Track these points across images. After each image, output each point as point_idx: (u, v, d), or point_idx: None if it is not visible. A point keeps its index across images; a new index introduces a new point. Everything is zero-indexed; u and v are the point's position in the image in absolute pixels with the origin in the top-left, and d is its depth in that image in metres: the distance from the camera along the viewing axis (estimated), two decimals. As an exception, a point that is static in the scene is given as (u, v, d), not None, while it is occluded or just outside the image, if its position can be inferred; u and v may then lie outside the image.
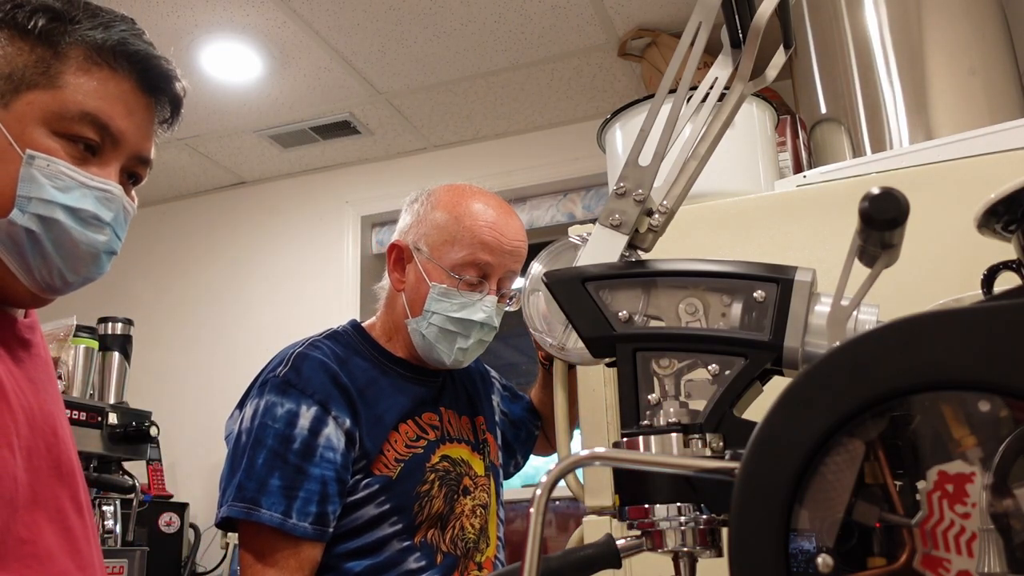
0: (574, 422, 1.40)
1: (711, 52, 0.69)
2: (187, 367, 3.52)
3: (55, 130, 0.83)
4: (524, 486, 2.88)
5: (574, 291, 0.64)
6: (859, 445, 0.44)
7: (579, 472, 1.33)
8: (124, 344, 2.89)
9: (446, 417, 1.41)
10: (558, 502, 2.97)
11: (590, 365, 1.11)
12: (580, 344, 0.65)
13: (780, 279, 0.60)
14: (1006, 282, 0.66)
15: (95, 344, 2.76)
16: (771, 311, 0.60)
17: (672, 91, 0.70)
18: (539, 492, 0.53)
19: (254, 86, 3.01)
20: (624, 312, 0.63)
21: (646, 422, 0.60)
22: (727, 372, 0.60)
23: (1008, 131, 1.24)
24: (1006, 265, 0.71)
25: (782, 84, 2.33)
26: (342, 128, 3.32)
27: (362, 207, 3.56)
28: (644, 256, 0.69)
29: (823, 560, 0.43)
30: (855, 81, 1.66)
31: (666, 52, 2.69)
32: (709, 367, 0.60)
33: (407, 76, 2.99)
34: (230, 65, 2.87)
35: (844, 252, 0.54)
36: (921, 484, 0.44)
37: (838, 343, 0.45)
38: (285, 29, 2.70)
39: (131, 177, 0.92)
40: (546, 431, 1.66)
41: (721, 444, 0.58)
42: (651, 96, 1.08)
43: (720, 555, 0.58)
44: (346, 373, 1.30)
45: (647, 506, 0.59)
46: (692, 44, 0.68)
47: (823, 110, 1.74)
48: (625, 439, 0.60)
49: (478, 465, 1.43)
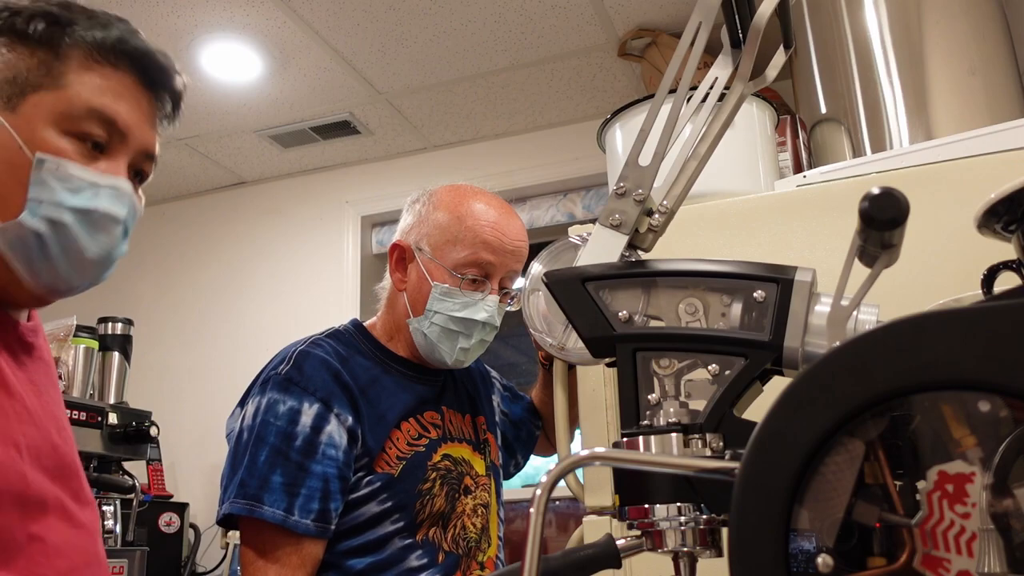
0: (574, 422, 1.40)
1: (711, 52, 0.69)
2: (187, 367, 3.52)
3: (64, 130, 0.84)
4: (524, 486, 2.88)
5: (574, 291, 0.64)
6: (859, 445, 0.44)
7: (579, 472, 1.33)
8: (124, 344, 2.89)
9: (447, 416, 1.41)
10: (558, 502, 2.97)
11: (590, 365, 1.11)
12: (580, 344, 0.65)
13: (780, 279, 0.60)
14: (1006, 282, 0.66)
15: (95, 344, 2.76)
16: (771, 311, 0.60)
17: (672, 91, 0.70)
18: (539, 492, 0.53)
19: (254, 86, 3.01)
20: (624, 312, 0.63)
21: (646, 422, 0.60)
22: (727, 372, 0.60)
23: (1008, 131, 1.24)
24: (1006, 265, 0.71)
25: (782, 84, 2.33)
26: (342, 128, 3.32)
27: (362, 207, 3.56)
28: (644, 256, 0.69)
29: (823, 560, 0.43)
30: (855, 81, 1.66)
31: (666, 52, 2.69)
32: (709, 367, 0.60)
33: (407, 76, 2.99)
34: (230, 65, 2.87)
35: (844, 252, 0.54)
36: (921, 484, 0.44)
37: (838, 343, 0.45)
38: (285, 29, 2.70)
39: (138, 175, 0.93)
40: (546, 431, 1.66)
41: (721, 444, 0.58)
42: (651, 96, 1.08)
43: (720, 555, 0.58)
44: (348, 371, 1.30)
45: (647, 506, 0.59)
46: (692, 44, 0.68)
47: (823, 110, 1.74)
48: (625, 439, 0.60)
49: (479, 465, 1.43)
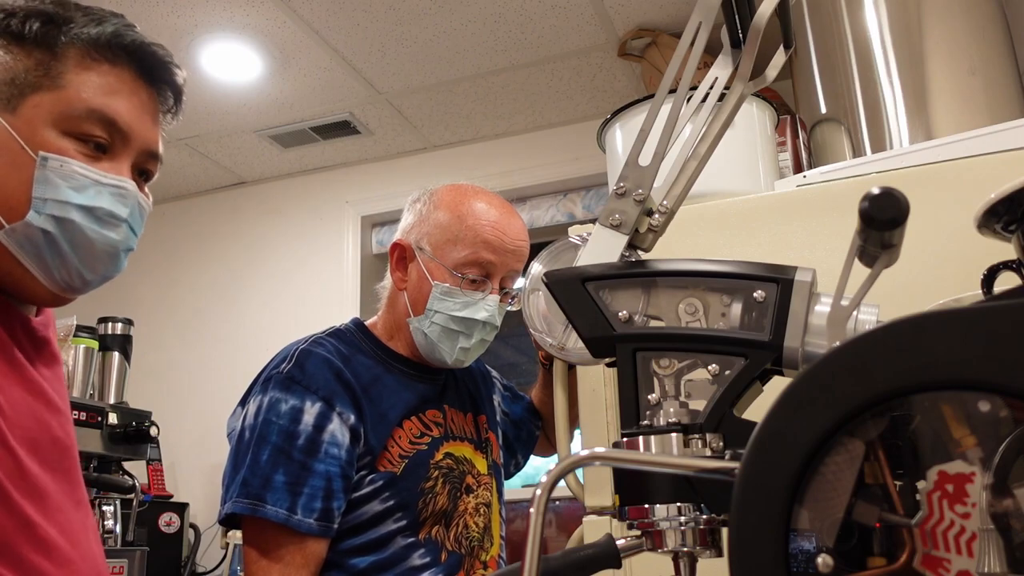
0: (574, 422, 1.40)
1: (711, 52, 0.69)
2: (187, 367, 3.52)
3: (64, 130, 0.84)
4: (524, 486, 2.88)
5: (574, 291, 0.64)
6: (859, 445, 0.44)
7: (579, 472, 1.33)
8: (124, 344, 2.89)
9: (449, 415, 1.41)
10: (558, 502, 2.97)
11: (590, 365, 1.11)
12: (580, 344, 0.65)
13: (780, 279, 0.60)
14: (1006, 282, 0.66)
15: (95, 344, 2.76)
16: (771, 311, 0.60)
17: (672, 91, 0.70)
18: (539, 492, 0.53)
19: (254, 86, 3.01)
20: (624, 312, 0.63)
21: (646, 422, 0.60)
22: (727, 372, 0.60)
23: (1008, 131, 1.24)
24: (1006, 265, 0.71)
25: (782, 84, 2.33)
26: (342, 128, 3.32)
27: (362, 207, 3.56)
28: (644, 256, 0.69)
29: (823, 560, 0.43)
30: (855, 81, 1.66)
31: (666, 52, 2.69)
32: (709, 367, 0.60)
33: (407, 76, 2.99)
34: (230, 65, 2.87)
35: (844, 252, 0.54)
36: (921, 484, 0.44)
37: (838, 343, 0.45)
38: (285, 29, 2.70)
39: (142, 174, 0.93)
40: (546, 431, 1.66)
41: (721, 444, 0.58)
42: (651, 96, 1.08)
43: (720, 555, 0.58)
44: (350, 370, 1.30)
45: (647, 506, 0.59)
46: (692, 44, 0.68)
47: (823, 110, 1.74)
48: (625, 439, 0.60)
49: (481, 464, 1.43)
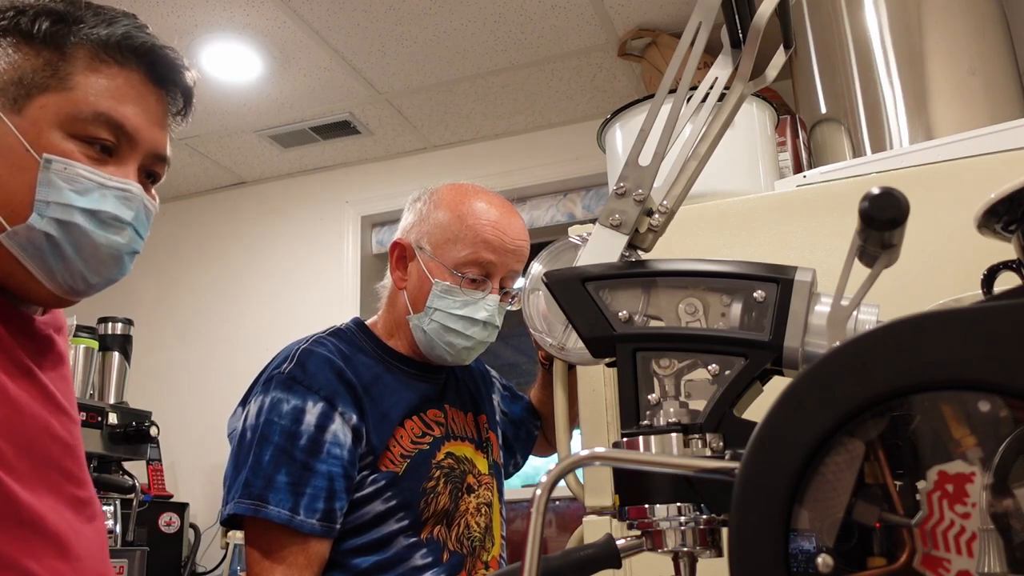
0: (574, 422, 1.40)
1: (711, 52, 0.69)
2: (187, 367, 3.52)
3: (70, 132, 0.83)
4: (524, 486, 2.88)
5: (574, 291, 0.64)
6: (859, 445, 0.44)
7: (579, 472, 1.33)
8: (124, 344, 2.89)
9: (450, 414, 1.41)
10: (558, 502, 2.97)
11: (590, 365, 1.11)
12: (580, 344, 0.65)
13: (780, 279, 0.60)
14: (1006, 282, 0.66)
15: (95, 344, 2.77)
16: (771, 311, 0.60)
17: (672, 91, 0.70)
18: (539, 492, 0.53)
19: (254, 86, 3.01)
20: (624, 312, 0.63)
21: (646, 422, 0.60)
22: (727, 372, 0.60)
23: (1008, 131, 1.24)
24: (1006, 265, 0.71)
25: (782, 84, 2.33)
26: (342, 128, 3.32)
27: (362, 207, 3.56)
28: (644, 256, 0.69)
29: (823, 560, 0.43)
30: (855, 81, 1.66)
31: (666, 52, 2.69)
32: (709, 367, 0.60)
33: (407, 76, 2.99)
34: (230, 65, 2.87)
35: (844, 252, 0.54)
36: (921, 484, 0.44)
37: (838, 343, 0.45)
38: (285, 29, 2.70)
39: (149, 176, 0.92)
40: (545, 431, 1.66)
41: (721, 444, 0.58)
42: (651, 96, 1.08)
43: (720, 555, 0.58)
44: (351, 369, 1.30)
45: (647, 506, 0.59)
46: (692, 44, 0.68)
47: (823, 110, 1.74)
48: (625, 439, 0.60)
49: (481, 463, 1.43)
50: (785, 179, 1.44)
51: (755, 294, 0.60)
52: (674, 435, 0.59)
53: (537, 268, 0.72)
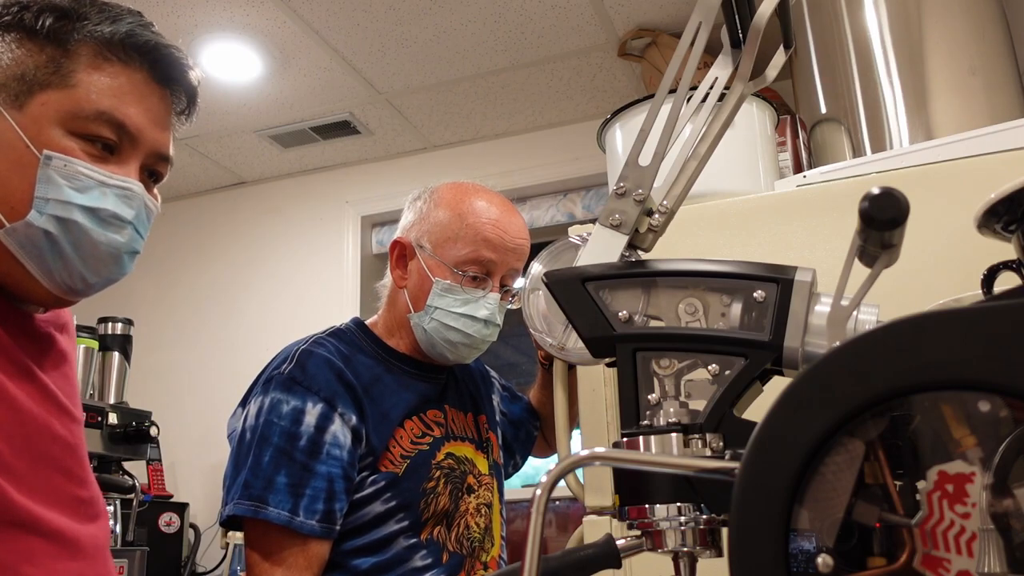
0: (574, 422, 1.40)
1: (711, 52, 0.69)
2: (187, 367, 3.52)
3: (71, 130, 0.83)
4: (524, 486, 2.88)
5: (574, 291, 0.64)
6: (859, 445, 0.44)
7: (579, 472, 1.33)
8: (124, 344, 2.89)
9: (450, 415, 1.41)
10: (558, 502, 2.97)
11: (590, 365, 1.11)
12: (580, 344, 0.65)
13: (780, 279, 0.60)
14: (1006, 282, 0.66)
15: (95, 344, 2.77)
16: (771, 311, 0.60)
17: (672, 91, 0.70)
18: (539, 492, 0.53)
19: (254, 86, 3.01)
20: (624, 312, 0.63)
21: (646, 422, 0.60)
22: (727, 372, 0.60)
23: (1008, 131, 1.24)
24: (1006, 265, 0.71)
25: (782, 84, 2.33)
26: (342, 128, 3.32)
27: (362, 207, 3.56)
28: (644, 256, 0.69)
29: (823, 560, 0.43)
30: (855, 81, 1.66)
31: (666, 52, 2.69)
32: (709, 367, 0.60)
33: (407, 76, 2.99)
34: (230, 65, 2.88)
35: (844, 252, 0.54)
36: (921, 484, 0.44)
37: (838, 343, 0.45)
38: (285, 29, 2.70)
39: (152, 175, 0.92)
40: (545, 432, 1.66)
41: (721, 444, 0.58)
42: (651, 96, 1.08)
43: (720, 555, 0.58)
44: (351, 370, 1.29)
45: (647, 506, 0.59)
46: (692, 44, 0.68)
47: (823, 110, 1.74)
48: (625, 439, 0.60)
49: (482, 463, 1.43)
50: (785, 179, 1.44)
51: (755, 294, 0.60)
52: (674, 435, 0.59)
53: (537, 268, 0.72)
